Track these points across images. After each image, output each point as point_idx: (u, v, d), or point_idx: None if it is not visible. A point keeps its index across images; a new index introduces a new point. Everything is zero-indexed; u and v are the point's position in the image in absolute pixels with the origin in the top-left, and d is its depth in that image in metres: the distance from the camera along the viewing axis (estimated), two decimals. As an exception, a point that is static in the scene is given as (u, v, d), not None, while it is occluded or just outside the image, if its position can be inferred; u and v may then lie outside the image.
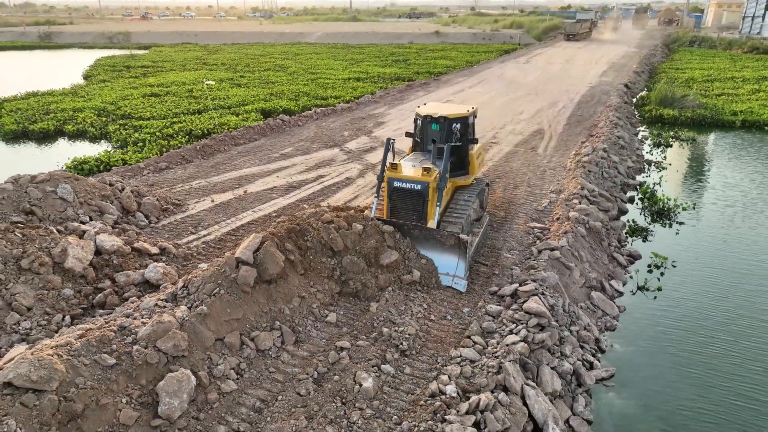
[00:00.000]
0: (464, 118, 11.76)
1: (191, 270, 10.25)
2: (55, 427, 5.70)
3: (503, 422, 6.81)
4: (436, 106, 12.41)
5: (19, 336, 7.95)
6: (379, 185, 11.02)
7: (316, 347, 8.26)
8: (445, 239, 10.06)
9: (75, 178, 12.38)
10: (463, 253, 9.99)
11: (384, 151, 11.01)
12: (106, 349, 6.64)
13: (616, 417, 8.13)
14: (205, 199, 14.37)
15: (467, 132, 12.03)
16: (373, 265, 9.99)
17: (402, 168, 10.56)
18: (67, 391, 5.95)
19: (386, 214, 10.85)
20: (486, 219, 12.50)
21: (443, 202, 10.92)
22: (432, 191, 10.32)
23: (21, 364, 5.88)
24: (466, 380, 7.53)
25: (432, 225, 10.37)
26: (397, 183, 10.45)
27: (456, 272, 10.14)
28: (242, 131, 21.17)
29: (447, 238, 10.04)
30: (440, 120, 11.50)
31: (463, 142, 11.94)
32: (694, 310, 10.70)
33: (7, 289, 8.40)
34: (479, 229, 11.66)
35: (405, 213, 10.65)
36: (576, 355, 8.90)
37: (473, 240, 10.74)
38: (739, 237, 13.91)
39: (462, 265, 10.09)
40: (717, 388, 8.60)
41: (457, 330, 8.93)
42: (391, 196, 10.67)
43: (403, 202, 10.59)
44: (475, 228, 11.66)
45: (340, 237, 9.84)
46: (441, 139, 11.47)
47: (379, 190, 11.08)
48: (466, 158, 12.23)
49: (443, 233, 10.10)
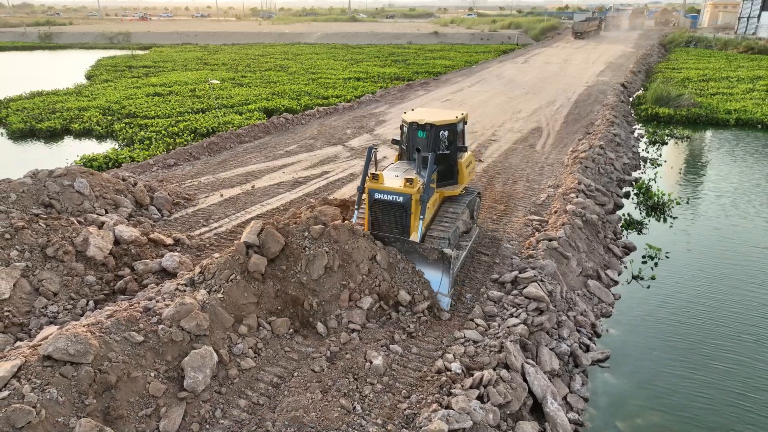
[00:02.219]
0: (452, 125, 11.12)
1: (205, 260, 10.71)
2: (92, 396, 6.16)
3: (505, 396, 7.30)
4: (423, 112, 11.76)
5: (47, 319, 8.42)
6: (360, 196, 10.53)
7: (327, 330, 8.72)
8: (429, 253, 9.42)
9: (90, 173, 12.83)
10: (447, 269, 9.34)
11: (365, 161, 10.55)
12: (134, 327, 7.10)
13: (611, 395, 8.61)
14: (214, 193, 14.83)
15: (456, 139, 11.37)
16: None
17: (384, 179, 9.99)
18: (101, 364, 6.41)
19: (367, 227, 10.24)
20: (476, 231, 11.97)
21: (429, 213, 10.40)
22: (415, 203, 9.74)
23: (59, 339, 6.34)
24: (469, 359, 8.01)
25: (415, 234, 9.83)
26: (378, 195, 9.88)
27: (439, 289, 9.47)
28: (247, 129, 21.64)
29: (430, 253, 9.41)
30: (426, 127, 10.84)
31: (451, 150, 11.28)
32: (686, 298, 11.20)
33: (35, 275, 8.87)
34: (467, 242, 11.17)
35: (387, 226, 10.08)
36: (573, 338, 9.39)
37: (459, 254, 10.29)
38: (730, 230, 14.42)
39: (446, 280, 9.41)
40: (707, 369, 9.10)
41: (460, 314, 9.41)
42: (372, 208, 10.10)
43: (385, 214, 10.04)
44: (464, 241, 11.16)
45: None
46: (428, 147, 10.76)
47: (359, 201, 10.58)
48: (455, 167, 11.50)
49: (426, 247, 9.48)
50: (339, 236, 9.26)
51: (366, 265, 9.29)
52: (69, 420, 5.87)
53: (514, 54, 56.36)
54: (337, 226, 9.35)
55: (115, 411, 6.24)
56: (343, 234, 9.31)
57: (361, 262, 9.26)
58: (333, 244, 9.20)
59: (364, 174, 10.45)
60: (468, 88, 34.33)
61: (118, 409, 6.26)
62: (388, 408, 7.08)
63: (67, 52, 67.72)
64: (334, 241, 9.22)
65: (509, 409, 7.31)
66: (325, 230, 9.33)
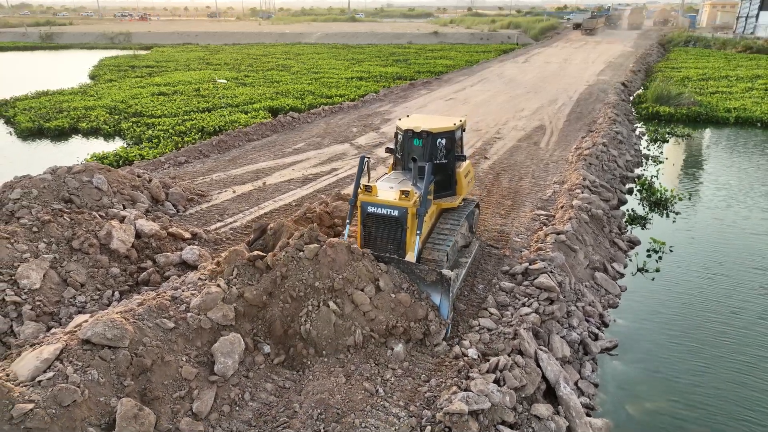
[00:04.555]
0: (450, 132, 10.34)
1: (222, 253, 11.00)
2: (130, 378, 6.46)
3: (520, 380, 7.61)
4: (419, 118, 11.05)
5: (76, 308, 8.71)
6: (351, 210, 9.90)
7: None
8: (426, 275, 8.69)
9: (107, 170, 13.10)
10: (446, 291, 8.57)
11: (357, 171, 9.87)
12: (165, 314, 7.40)
13: (619, 382, 8.93)
14: (226, 190, 15.13)
15: (454, 148, 10.62)
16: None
17: (377, 191, 9.34)
18: (136, 348, 6.71)
19: (360, 243, 9.58)
20: (476, 245, 11.43)
21: (426, 227, 9.79)
22: (411, 218, 9.08)
23: (96, 324, 6.63)
24: (485, 345, 8.33)
25: (411, 254, 9.20)
26: (371, 208, 9.19)
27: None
28: (255, 127, 21.94)
29: (428, 274, 8.69)
30: (423, 135, 10.10)
31: (449, 160, 10.55)
32: (690, 289, 11.53)
33: (62, 267, 9.16)
34: (467, 258, 10.61)
35: (381, 242, 9.43)
36: (582, 327, 9.71)
37: (459, 272, 9.71)
38: (732, 223, 14.76)
39: (445, 304, 8.62)
40: (713, 357, 9.43)
41: (474, 304, 9.72)
42: (365, 222, 9.42)
43: (379, 229, 9.37)
44: (463, 257, 10.60)
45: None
46: (424, 156, 10.11)
47: (351, 215, 9.93)
48: (452, 177, 10.76)
49: (423, 268, 8.72)
50: (336, 255, 8.40)
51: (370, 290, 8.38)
52: (110, 399, 6.17)
53: (514, 54, 56.71)
54: (334, 244, 8.53)
55: (151, 392, 6.54)
56: (341, 254, 8.43)
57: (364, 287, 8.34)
58: (330, 269, 8.29)
59: (356, 185, 9.71)
60: (470, 87, 34.66)
61: (153, 391, 6.56)
62: (409, 391, 7.39)
63: (68, 52, 67.88)
64: (330, 260, 8.35)
65: (524, 393, 7.62)
66: (320, 249, 8.48)
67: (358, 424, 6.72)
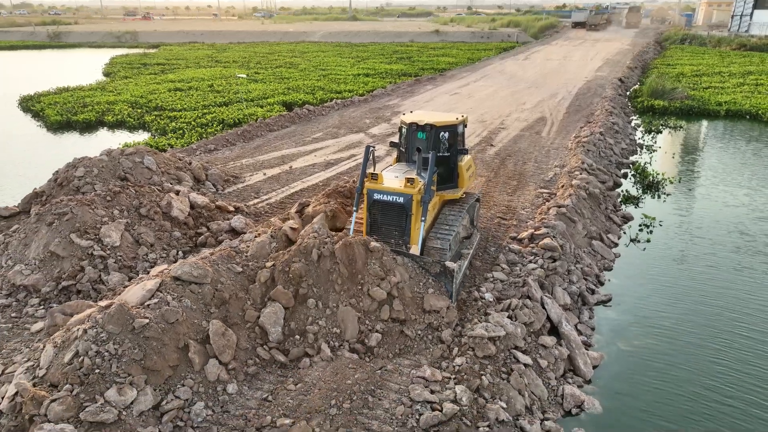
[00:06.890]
0: (453, 127, 10.81)
1: (263, 223, 12.51)
2: (214, 306, 7.94)
3: (529, 317, 9.13)
4: (422, 113, 11.58)
5: (149, 263, 10.20)
6: (358, 198, 10.09)
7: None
8: (430, 267, 9.08)
9: (154, 152, 14.58)
10: (450, 282, 9.01)
11: (363, 160, 10.19)
12: (233, 261, 8.88)
13: (612, 326, 10.43)
14: (257, 173, 16.61)
15: (456, 141, 11.05)
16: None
17: (383, 179, 9.65)
18: (216, 285, 8.19)
19: (366, 231, 9.86)
20: (477, 237, 11.78)
21: (429, 217, 10.03)
22: (416, 204, 9.38)
23: (183, 265, 8.11)
24: (498, 292, 9.83)
25: (415, 247, 9.57)
26: (378, 195, 9.51)
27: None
28: (275, 119, 23.45)
29: (432, 266, 9.08)
30: (426, 128, 10.53)
31: (451, 153, 10.96)
32: (677, 255, 13.04)
33: (134, 230, 10.64)
34: (469, 250, 10.96)
35: (386, 229, 9.72)
36: (581, 283, 11.22)
37: (462, 264, 10.03)
38: (716, 200, 16.29)
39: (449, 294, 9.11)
40: (694, 304, 10.96)
41: (487, 263, 11.23)
42: (370, 209, 9.74)
43: (384, 216, 9.67)
44: (465, 249, 10.93)
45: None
46: (427, 148, 10.50)
47: (357, 203, 10.16)
48: (455, 170, 11.13)
49: (428, 260, 9.15)
50: (354, 252, 8.75)
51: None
52: (201, 322, 7.66)
53: (515, 51, 58.24)
54: (351, 243, 8.82)
55: (230, 320, 8.02)
56: (359, 252, 8.79)
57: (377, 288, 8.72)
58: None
59: (362, 174, 10.03)
60: (474, 82, 36.17)
61: (231, 319, 8.04)
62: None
63: (76, 50, 69.31)
64: (349, 260, 8.75)
65: (532, 328, 9.13)
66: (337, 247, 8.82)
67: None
